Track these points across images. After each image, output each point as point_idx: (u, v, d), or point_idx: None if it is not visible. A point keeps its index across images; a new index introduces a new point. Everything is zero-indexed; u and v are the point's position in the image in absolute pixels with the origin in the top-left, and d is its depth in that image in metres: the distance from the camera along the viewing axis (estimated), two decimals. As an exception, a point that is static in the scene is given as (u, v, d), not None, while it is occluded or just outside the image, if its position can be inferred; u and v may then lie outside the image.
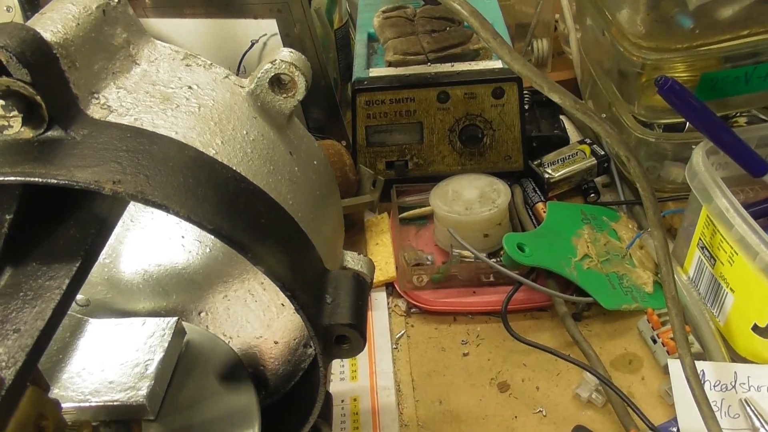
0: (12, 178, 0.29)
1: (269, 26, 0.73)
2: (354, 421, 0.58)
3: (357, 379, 0.61)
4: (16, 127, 0.30)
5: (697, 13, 0.58)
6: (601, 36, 0.69)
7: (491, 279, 0.67)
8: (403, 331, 0.66)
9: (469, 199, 0.69)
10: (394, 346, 0.65)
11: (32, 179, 0.29)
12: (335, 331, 0.37)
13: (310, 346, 0.45)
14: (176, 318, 0.38)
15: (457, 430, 0.57)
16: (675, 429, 0.54)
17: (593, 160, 0.75)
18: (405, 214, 0.74)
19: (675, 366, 0.56)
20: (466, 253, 0.67)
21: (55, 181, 0.29)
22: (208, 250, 0.39)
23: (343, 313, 0.37)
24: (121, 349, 0.36)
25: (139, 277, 0.40)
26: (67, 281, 0.28)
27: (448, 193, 0.70)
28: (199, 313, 0.42)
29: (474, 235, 0.67)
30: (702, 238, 0.60)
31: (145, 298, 0.41)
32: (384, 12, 0.79)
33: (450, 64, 0.73)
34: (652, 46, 0.60)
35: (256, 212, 0.35)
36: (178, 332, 0.38)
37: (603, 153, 0.75)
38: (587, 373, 0.58)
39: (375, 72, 0.74)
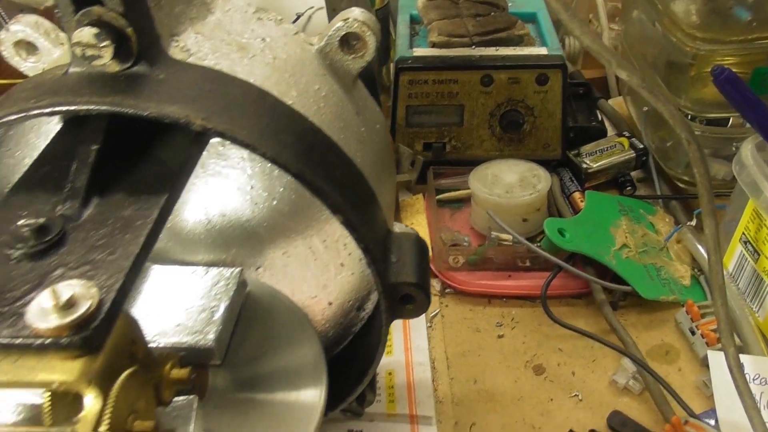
0: (103, 108, 0.29)
1: (316, 0, 0.73)
2: (389, 394, 0.58)
3: (392, 354, 0.60)
4: (106, 58, 0.30)
5: (755, 5, 0.57)
6: (651, 27, 0.69)
7: (527, 264, 0.67)
8: (437, 311, 0.66)
9: (510, 183, 0.68)
10: (429, 325, 0.64)
11: (122, 110, 0.29)
12: (401, 290, 0.37)
13: (363, 310, 0.45)
14: (240, 268, 0.38)
15: (492, 409, 0.57)
16: (713, 420, 0.54)
17: (632, 153, 0.75)
18: (441, 197, 0.74)
19: (715, 357, 0.56)
20: (504, 236, 0.66)
21: (146, 114, 0.29)
22: (274, 202, 0.39)
23: (408, 272, 0.37)
24: (185, 295, 0.36)
25: (202, 227, 0.40)
26: (156, 212, 0.28)
27: (487, 176, 0.70)
28: (257, 269, 0.42)
29: (513, 219, 0.67)
30: (746, 233, 0.60)
31: (205, 250, 0.41)
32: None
33: (494, 48, 0.73)
34: (707, 37, 0.60)
35: (331, 164, 0.35)
36: (242, 283, 0.38)
37: (642, 146, 0.75)
38: (625, 359, 0.58)
39: (419, 52, 0.74)
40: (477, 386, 0.59)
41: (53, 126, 0.36)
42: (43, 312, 0.23)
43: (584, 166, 0.74)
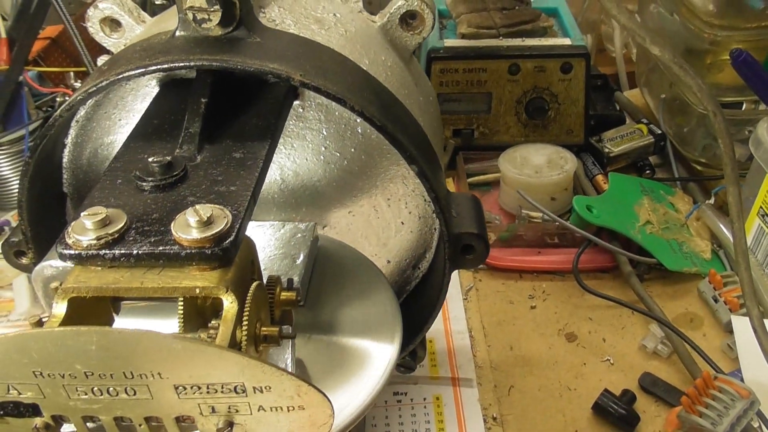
0: (215, 64, 0.33)
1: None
2: (431, 359, 0.61)
3: (432, 323, 0.64)
4: (214, 21, 0.34)
5: (769, -6, 0.61)
6: (668, 18, 0.73)
7: (555, 241, 0.71)
8: (472, 285, 0.69)
9: (538, 164, 0.72)
10: (465, 298, 0.68)
11: (232, 66, 0.33)
12: (463, 240, 0.40)
13: (418, 268, 0.48)
14: (313, 223, 0.41)
15: (528, 373, 0.60)
16: (739, 380, 0.57)
17: (650, 138, 0.79)
18: (470, 180, 0.78)
19: (739, 321, 0.60)
20: (534, 214, 0.70)
21: (252, 69, 0.33)
22: (345, 162, 0.42)
23: (470, 224, 0.41)
24: (266, 245, 0.39)
25: (276, 187, 0.43)
26: (263, 153, 0.32)
27: (516, 158, 0.73)
28: (323, 227, 0.45)
29: (542, 198, 0.70)
30: (763, 206, 0.63)
31: (277, 209, 0.44)
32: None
33: (521, 39, 0.77)
34: (723, 24, 0.64)
35: (404, 122, 0.38)
36: (315, 236, 0.41)
37: (659, 132, 0.79)
38: (653, 326, 0.61)
39: (449, 42, 0.77)
40: (513, 352, 0.62)
41: (150, 89, 0.40)
42: (186, 228, 0.26)
43: (606, 150, 0.78)
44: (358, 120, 0.40)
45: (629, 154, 0.79)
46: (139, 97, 0.40)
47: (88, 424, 0.26)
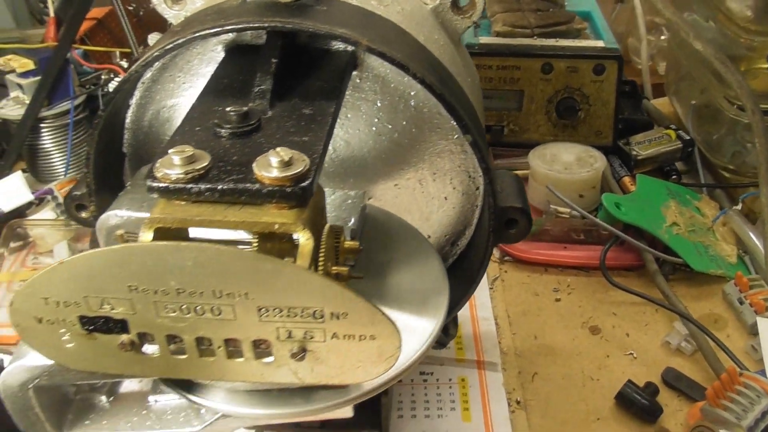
0: (288, 26, 0.34)
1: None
2: (458, 342, 0.62)
3: (460, 308, 0.65)
4: (287, -13, 0.36)
5: (806, 2, 0.63)
6: (703, 25, 0.74)
7: (581, 237, 0.72)
8: (497, 275, 0.71)
9: (568, 161, 0.73)
10: (490, 287, 0.69)
11: (303, 28, 0.35)
12: (507, 214, 0.42)
13: (457, 245, 0.49)
14: (363, 191, 0.43)
15: (552, 362, 0.62)
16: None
17: (678, 144, 0.80)
18: (498, 176, 0.79)
19: (764, 323, 0.61)
20: (561, 209, 0.71)
21: (323, 32, 0.35)
22: (395, 135, 0.44)
23: (514, 199, 0.42)
24: (319, 209, 0.41)
25: (327, 157, 0.45)
26: (332, 110, 0.33)
27: (546, 155, 0.75)
28: (369, 199, 0.47)
29: (570, 194, 0.72)
30: (792, 211, 0.65)
31: (326, 178, 0.46)
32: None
33: (554, 39, 0.79)
34: (760, 30, 0.65)
35: (458, 94, 0.40)
36: (364, 204, 0.43)
37: (688, 138, 0.80)
38: (677, 323, 0.63)
39: (484, 40, 0.79)
40: (537, 341, 0.64)
41: (216, 54, 0.42)
42: (268, 167, 0.28)
43: (633, 153, 0.80)
44: (412, 93, 0.42)
45: (656, 158, 0.80)
46: (205, 61, 0.42)
47: (170, 346, 0.27)
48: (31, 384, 0.30)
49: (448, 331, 0.52)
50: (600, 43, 0.79)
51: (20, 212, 0.72)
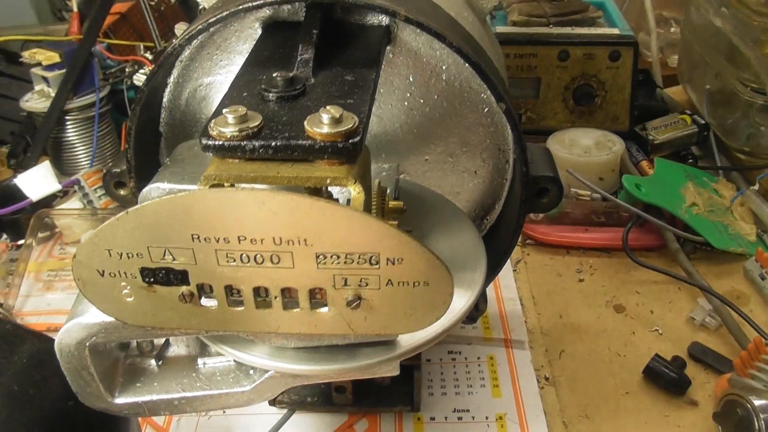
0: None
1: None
2: (484, 322, 0.63)
3: (484, 290, 0.66)
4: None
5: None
6: (716, 12, 0.75)
7: (602, 219, 0.73)
8: (520, 258, 0.71)
9: (587, 145, 0.74)
10: (514, 269, 0.70)
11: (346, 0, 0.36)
12: (539, 183, 0.43)
13: (486, 219, 0.50)
14: (397, 164, 0.44)
15: (578, 339, 0.62)
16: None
17: (694, 128, 0.81)
18: (516, 162, 0.80)
19: (787, 296, 0.61)
20: (582, 192, 0.72)
21: (362, 2, 0.36)
22: (427, 109, 0.45)
23: (545, 168, 0.43)
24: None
25: (360, 132, 0.46)
26: (373, 77, 0.34)
27: (565, 140, 0.76)
28: (400, 174, 0.48)
29: (590, 178, 0.72)
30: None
31: (358, 154, 0.47)
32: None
33: (570, 27, 0.80)
34: (774, 12, 0.66)
35: (491, 65, 0.41)
36: (398, 177, 0.43)
37: (703, 122, 0.81)
38: (701, 299, 0.63)
39: (501, 29, 0.80)
40: (563, 320, 0.64)
41: (253, 32, 0.43)
42: (319, 124, 0.29)
43: (650, 138, 0.80)
44: (444, 67, 0.43)
45: (673, 142, 0.81)
46: (242, 38, 0.43)
47: (228, 298, 0.28)
48: (87, 342, 0.31)
49: (478, 306, 0.53)
50: (615, 31, 0.79)
51: (47, 203, 0.73)
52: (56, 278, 0.70)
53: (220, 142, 0.29)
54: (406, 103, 0.45)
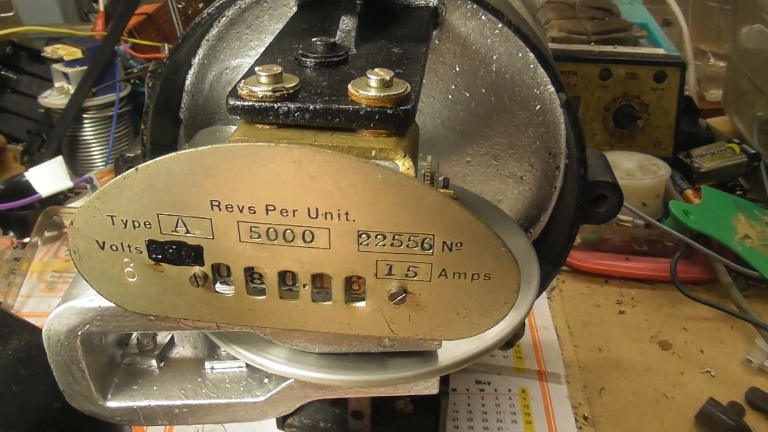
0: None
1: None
2: (516, 351, 0.58)
3: (517, 316, 0.61)
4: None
5: None
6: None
7: (644, 248, 0.68)
8: (555, 285, 0.66)
9: (629, 168, 0.70)
10: (548, 296, 0.65)
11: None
12: (597, 189, 0.38)
13: (529, 232, 0.45)
14: (437, 162, 0.39)
15: (620, 376, 0.56)
16: None
17: (743, 158, 0.76)
18: (552, 185, 0.75)
19: None
20: (623, 217, 0.67)
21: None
22: (473, 104, 0.41)
23: (603, 173, 0.38)
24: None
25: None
26: (423, 50, 0.30)
27: (605, 162, 0.71)
28: (439, 175, 0.43)
29: (632, 203, 0.68)
30: None
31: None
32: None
33: (612, 45, 0.76)
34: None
35: (549, 53, 0.37)
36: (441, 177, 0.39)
37: (753, 151, 0.76)
38: (760, 340, 0.57)
39: (540, 45, 0.77)
40: (603, 354, 0.59)
41: (287, 10, 0.39)
42: (366, 87, 0.25)
43: (695, 165, 0.76)
44: (495, 57, 0.39)
45: (720, 171, 0.76)
46: (275, 17, 0.39)
47: (248, 285, 0.23)
48: (80, 330, 0.26)
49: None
50: (661, 50, 0.76)
51: (57, 201, 0.69)
52: (60, 280, 0.66)
53: (250, 103, 0.24)
54: (450, 96, 0.41)
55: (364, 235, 0.22)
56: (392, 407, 0.50)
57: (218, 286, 0.24)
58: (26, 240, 0.68)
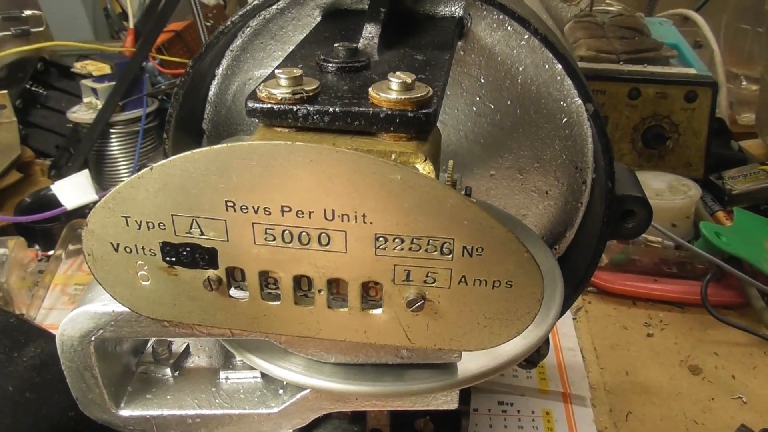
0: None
1: None
2: (540, 372, 0.56)
3: (541, 336, 0.59)
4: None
5: None
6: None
7: (674, 270, 0.66)
8: (581, 306, 0.64)
9: (659, 188, 0.68)
10: (574, 317, 0.63)
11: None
12: (625, 204, 0.37)
13: (554, 249, 0.44)
14: (460, 175, 0.39)
15: (648, 401, 0.54)
16: None
17: (777, 180, 0.74)
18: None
19: None
20: (652, 238, 0.65)
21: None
22: (498, 117, 0.40)
23: (631, 188, 0.37)
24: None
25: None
26: (446, 59, 0.30)
27: (633, 182, 0.70)
28: (462, 189, 0.43)
29: (661, 223, 0.66)
30: None
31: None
32: (575, 17, 0.82)
33: (642, 65, 0.75)
34: None
35: (576, 64, 0.36)
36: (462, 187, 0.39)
37: (787, 174, 0.74)
38: (794, 365, 0.55)
39: (567, 64, 0.76)
40: (629, 378, 0.57)
41: (311, 20, 0.39)
42: (387, 90, 0.24)
43: (728, 187, 0.74)
44: (521, 68, 0.38)
45: (753, 194, 0.74)
46: (299, 27, 0.39)
47: (263, 291, 0.23)
48: (93, 335, 0.26)
49: (539, 350, 0.47)
50: (692, 71, 0.74)
51: (82, 214, 0.70)
52: (83, 293, 0.66)
53: (269, 105, 0.24)
54: (474, 108, 0.40)
55: (381, 239, 0.21)
56: (412, 426, 0.49)
57: (232, 291, 0.23)
58: (50, 253, 0.69)
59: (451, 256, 0.21)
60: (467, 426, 0.46)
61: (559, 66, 0.36)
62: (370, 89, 0.24)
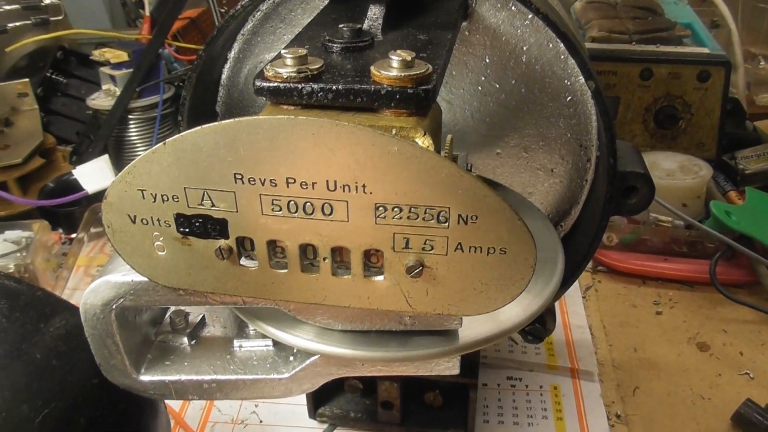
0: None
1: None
2: (548, 348, 0.57)
3: (550, 314, 0.60)
4: None
5: None
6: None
7: (684, 249, 0.66)
8: (591, 284, 0.65)
9: (669, 168, 0.68)
10: (583, 296, 0.64)
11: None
12: (628, 180, 0.38)
13: (560, 226, 0.45)
14: (465, 153, 0.40)
15: (655, 377, 0.55)
16: None
17: (791, 159, 0.74)
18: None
19: None
20: (662, 218, 0.66)
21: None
22: (503, 96, 0.41)
23: (634, 164, 0.38)
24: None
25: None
26: (448, 38, 0.31)
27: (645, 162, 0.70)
28: (469, 167, 0.44)
29: (672, 203, 0.66)
30: None
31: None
32: (587, -3, 0.82)
33: (655, 45, 0.75)
34: None
35: (578, 40, 0.37)
36: (467, 165, 0.40)
37: (802, 153, 0.74)
38: (802, 342, 0.55)
39: (578, 45, 0.76)
40: (638, 354, 0.57)
41: (320, 3, 0.40)
42: (387, 67, 0.25)
43: (740, 167, 0.73)
44: (525, 48, 0.39)
45: (766, 174, 0.74)
46: (308, 11, 0.41)
47: (271, 260, 0.24)
48: (114, 303, 0.28)
49: (546, 324, 0.48)
50: (705, 50, 0.74)
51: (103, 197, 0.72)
52: (104, 272, 0.68)
53: (275, 84, 0.25)
54: (479, 88, 0.41)
55: (381, 208, 0.22)
56: (422, 399, 0.50)
57: (243, 260, 0.25)
58: (73, 235, 0.71)
59: (447, 224, 0.22)
60: (475, 399, 0.47)
61: (563, 45, 0.37)
62: (371, 67, 0.25)
